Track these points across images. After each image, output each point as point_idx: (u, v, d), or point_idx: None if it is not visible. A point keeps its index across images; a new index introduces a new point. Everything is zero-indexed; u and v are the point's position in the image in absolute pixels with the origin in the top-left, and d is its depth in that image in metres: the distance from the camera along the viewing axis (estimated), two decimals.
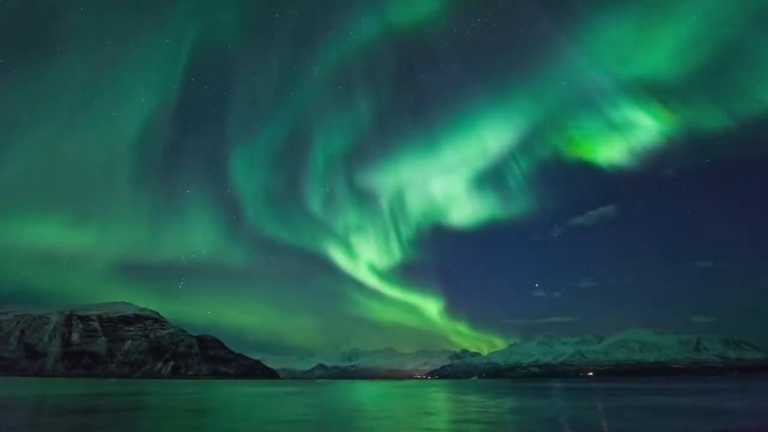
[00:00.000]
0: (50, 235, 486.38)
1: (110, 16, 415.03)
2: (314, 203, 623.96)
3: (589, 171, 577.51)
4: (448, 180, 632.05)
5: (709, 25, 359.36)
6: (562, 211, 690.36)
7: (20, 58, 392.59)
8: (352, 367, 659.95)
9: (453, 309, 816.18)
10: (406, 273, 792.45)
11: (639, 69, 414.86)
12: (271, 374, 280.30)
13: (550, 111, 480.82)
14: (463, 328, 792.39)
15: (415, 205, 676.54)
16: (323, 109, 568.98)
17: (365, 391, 55.47)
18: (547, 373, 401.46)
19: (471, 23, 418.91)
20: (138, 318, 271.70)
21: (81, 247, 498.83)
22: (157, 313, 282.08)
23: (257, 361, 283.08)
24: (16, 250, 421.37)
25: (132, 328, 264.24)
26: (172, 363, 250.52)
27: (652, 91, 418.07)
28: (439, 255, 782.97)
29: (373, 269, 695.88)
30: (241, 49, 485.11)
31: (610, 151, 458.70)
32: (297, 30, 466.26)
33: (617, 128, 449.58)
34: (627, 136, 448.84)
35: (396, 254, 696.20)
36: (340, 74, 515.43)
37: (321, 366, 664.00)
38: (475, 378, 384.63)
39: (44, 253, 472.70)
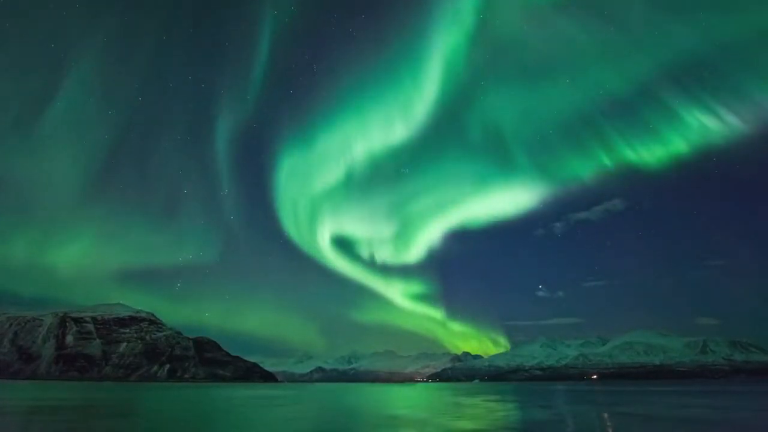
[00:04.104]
0: (45, 235, 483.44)
1: (106, 17, 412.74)
2: (314, 204, 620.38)
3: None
4: (449, 179, 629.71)
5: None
6: (564, 206, 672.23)
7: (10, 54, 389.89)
8: (352, 369, 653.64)
9: (454, 311, 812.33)
10: (406, 274, 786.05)
11: None
12: (269, 377, 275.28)
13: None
14: (464, 329, 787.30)
15: (414, 203, 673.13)
16: (324, 105, 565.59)
17: (371, 395, 50.57)
18: (550, 375, 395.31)
19: None
20: (133, 320, 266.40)
21: (76, 248, 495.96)
22: (153, 315, 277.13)
23: (255, 364, 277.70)
24: (11, 250, 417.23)
25: (127, 330, 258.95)
26: (168, 366, 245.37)
27: None
28: (439, 255, 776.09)
29: (373, 270, 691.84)
30: (235, 45, 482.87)
31: None
32: (293, 27, 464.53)
33: None
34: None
35: (395, 255, 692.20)
36: (338, 71, 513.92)
37: (320, 369, 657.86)
38: (476, 381, 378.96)
39: (39, 254, 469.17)
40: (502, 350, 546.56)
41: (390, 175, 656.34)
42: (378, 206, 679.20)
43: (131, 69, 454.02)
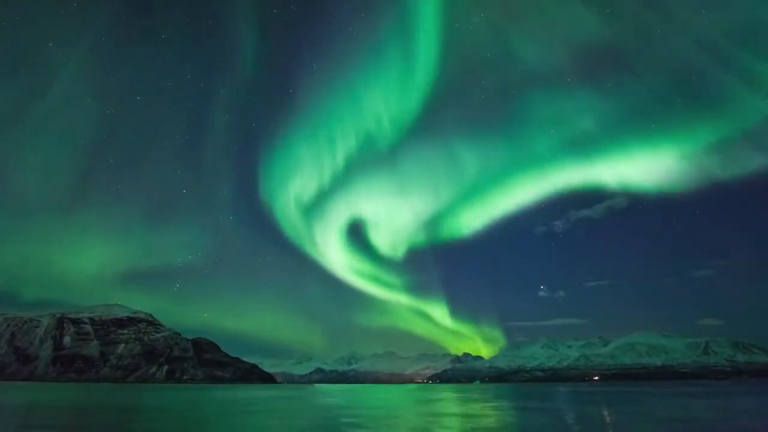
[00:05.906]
0: (43, 236, 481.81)
1: (103, 16, 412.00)
2: (313, 204, 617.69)
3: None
4: (448, 177, 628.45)
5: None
6: (565, 204, 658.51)
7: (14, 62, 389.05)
8: (352, 371, 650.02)
9: (454, 311, 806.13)
10: (406, 274, 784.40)
11: None
12: (268, 378, 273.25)
13: None
14: (464, 330, 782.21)
15: (414, 202, 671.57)
16: (323, 104, 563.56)
17: (370, 398, 48.63)
18: (552, 377, 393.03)
19: None
20: (131, 321, 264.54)
21: (74, 249, 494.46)
22: (152, 316, 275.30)
23: (254, 365, 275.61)
24: (9, 251, 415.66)
25: (125, 331, 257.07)
26: (166, 367, 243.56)
27: None
28: (439, 255, 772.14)
29: (372, 270, 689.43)
30: (233, 44, 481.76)
31: None
32: (292, 26, 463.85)
33: None
34: None
35: (395, 255, 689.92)
36: (337, 69, 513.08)
37: (319, 370, 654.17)
38: (477, 382, 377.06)
39: (37, 254, 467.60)
40: (502, 351, 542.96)
41: (390, 174, 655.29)
42: (377, 204, 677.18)
43: (129, 68, 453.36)
